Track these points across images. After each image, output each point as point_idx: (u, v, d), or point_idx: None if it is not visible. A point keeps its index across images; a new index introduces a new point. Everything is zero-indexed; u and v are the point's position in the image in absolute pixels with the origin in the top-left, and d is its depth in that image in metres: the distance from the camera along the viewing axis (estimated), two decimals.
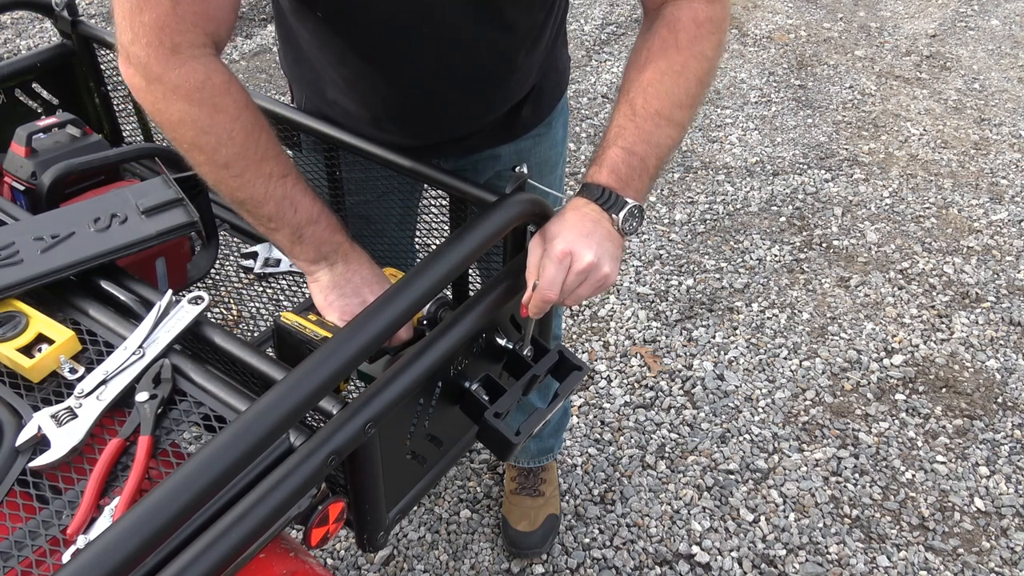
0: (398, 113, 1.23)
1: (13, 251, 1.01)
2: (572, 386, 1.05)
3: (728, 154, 3.39)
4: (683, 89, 1.02)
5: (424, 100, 1.21)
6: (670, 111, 1.02)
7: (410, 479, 1.02)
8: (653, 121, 1.01)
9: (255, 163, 0.97)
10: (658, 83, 1.02)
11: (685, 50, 1.03)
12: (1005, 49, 4.14)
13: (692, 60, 1.03)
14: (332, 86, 1.23)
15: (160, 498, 0.70)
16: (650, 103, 1.02)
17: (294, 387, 0.80)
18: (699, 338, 2.55)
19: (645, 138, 1.02)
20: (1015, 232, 2.98)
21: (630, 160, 1.01)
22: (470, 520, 2.07)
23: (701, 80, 1.04)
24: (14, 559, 0.77)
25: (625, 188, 1.01)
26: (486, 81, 1.21)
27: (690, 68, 1.03)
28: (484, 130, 1.30)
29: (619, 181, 1.01)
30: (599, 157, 1.03)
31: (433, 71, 1.15)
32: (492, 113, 1.28)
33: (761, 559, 1.98)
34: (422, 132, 1.26)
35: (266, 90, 3.71)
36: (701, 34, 1.03)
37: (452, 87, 1.19)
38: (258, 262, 1.39)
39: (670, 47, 1.03)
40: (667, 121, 1.02)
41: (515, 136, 1.35)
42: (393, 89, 1.19)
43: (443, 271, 0.95)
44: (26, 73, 1.53)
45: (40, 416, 0.87)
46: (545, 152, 1.41)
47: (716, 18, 1.04)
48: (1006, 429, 2.28)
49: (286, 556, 0.88)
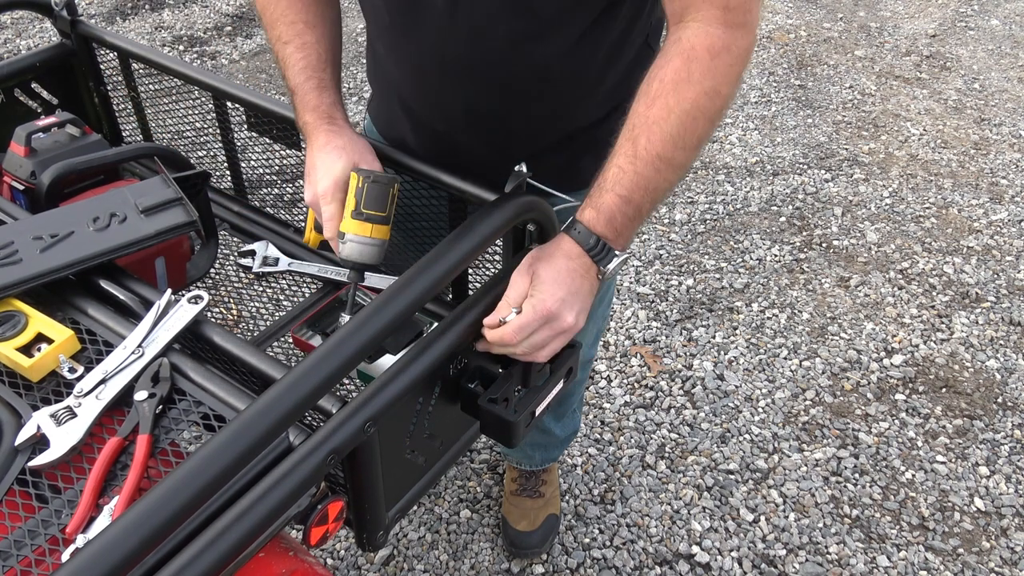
0: (417, 92, 1.21)
1: (12, 250, 1.01)
2: (564, 363, 1.05)
3: (728, 154, 3.39)
4: (690, 130, 0.97)
5: (435, 85, 1.17)
6: (672, 153, 0.97)
7: (410, 478, 1.02)
8: (654, 166, 0.97)
9: (271, 22, 1.16)
10: (664, 122, 0.96)
11: (697, 85, 0.96)
12: (1005, 49, 4.14)
13: (704, 98, 0.96)
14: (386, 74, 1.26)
15: (159, 497, 0.70)
16: (653, 145, 0.96)
17: (293, 386, 0.80)
18: (699, 338, 2.55)
19: (643, 184, 0.97)
20: (1015, 232, 2.98)
21: (626, 209, 0.98)
22: (470, 520, 2.07)
23: (711, 119, 0.98)
24: (13, 558, 0.77)
25: (617, 239, 0.99)
26: (501, 71, 1.13)
27: (701, 106, 0.96)
28: (538, 155, 1.20)
29: (614, 232, 0.98)
30: (596, 200, 0.99)
31: (434, 49, 1.12)
32: (523, 127, 1.20)
33: (761, 559, 1.98)
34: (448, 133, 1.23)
35: (266, 90, 3.71)
36: (717, 67, 0.96)
37: (453, 76, 1.15)
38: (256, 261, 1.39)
39: (682, 81, 0.96)
40: (667, 165, 0.97)
41: (580, 186, 1.18)
42: (409, 67, 1.17)
43: (442, 270, 0.95)
44: (25, 73, 1.53)
45: (39, 415, 0.87)
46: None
47: (735, 48, 0.97)
48: (1006, 429, 2.28)
49: (285, 555, 0.88)
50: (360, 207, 1.04)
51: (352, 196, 1.04)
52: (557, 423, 1.84)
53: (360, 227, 1.04)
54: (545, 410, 1.04)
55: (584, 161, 1.23)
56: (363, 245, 1.05)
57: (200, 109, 1.50)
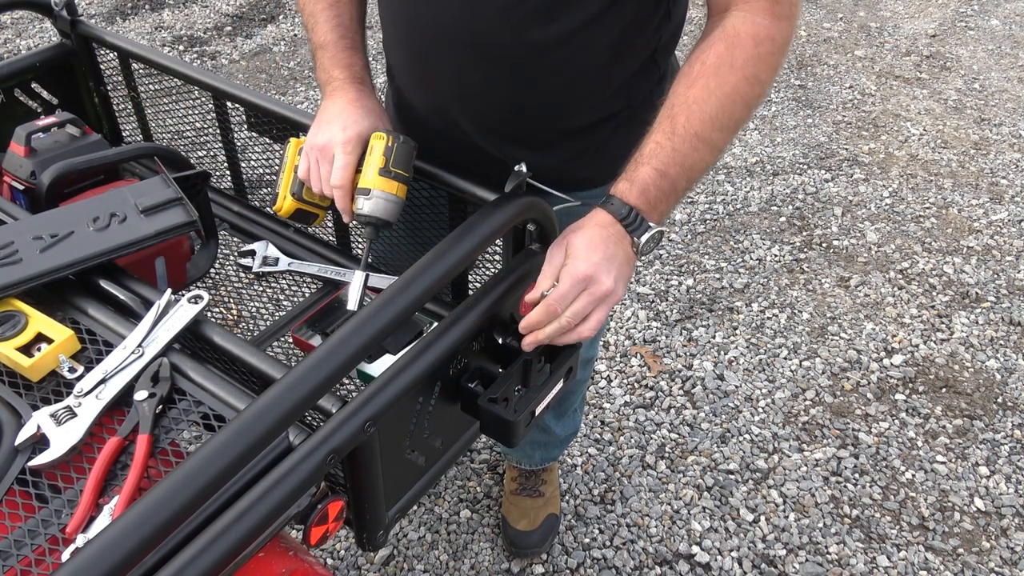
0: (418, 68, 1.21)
1: (12, 250, 1.01)
2: (564, 362, 1.05)
3: (728, 154, 3.39)
4: (728, 112, 0.99)
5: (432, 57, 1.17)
6: (710, 134, 0.99)
7: (409, 478, 1.02)
8: (691, 143, 0.98)
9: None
10: (704, 102, 0.98)
11: (739, 71, 0.98)
12: (1005, 49, 4.14)
13: (744, 83, 0.99)
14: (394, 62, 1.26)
15: (159, 497, 0.70)
16: (692, 123, 0.98)
17: (294, 386, 0.80)
18: (699, 338, 2.55)
19: (680, 160, 0.99)
20: (1015, 232, 2.98)
21: (661, 183, 0.99)
22: (470, 520, 2.07)
23: (749, 104, 1.00)
24: (13, 558, 0.77)
25: (651, 212, 0.99)
26: (495, 46, 1.11)
27: (740, 91, 0.99)
28: (533, 149, 1.20)
29: (647, 204, 0.99)
30: (631, 173, 1.00)
31: (429, 16, 1.13)
32: (505, 112, 1.19)
33: (761, 559, 1.98)
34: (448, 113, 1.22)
35: (266, 90, 3.71)
36: (759, 54, 0.99)
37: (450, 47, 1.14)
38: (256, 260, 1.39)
39: (724, 65, 0.99)
40: (705, 144, 0.99)
41: (576, 187, 1.18)
42: (403, 38, 1.18)
43: (442, 270, 0.95)
44: (25, 73, 1.53)
45: (39, 415, 0.88)
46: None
47: (778, 38, 1.00)
48: (1006, 429, 2.28)
49: (285, 555, 0.88)
50: (389, 165, 1.06)
51: (381, 155, 1.07)
52: (557, 422, 1.84)
53: (388, 184, 1.06)
54: (545, 410, 1.04)
55: (579, 163, 1.24)
56: (388, 202, 1.07)
57: (200, 109, 1.50)
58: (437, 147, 1.18)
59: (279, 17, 4.36)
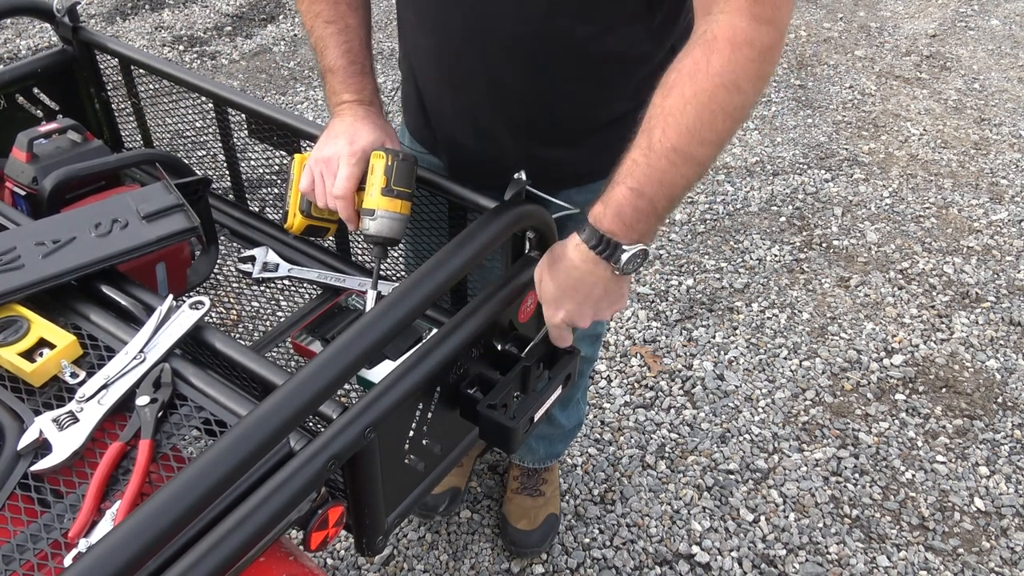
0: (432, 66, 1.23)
1: (15, 256, 1.01)
2: (564, 369, 1.06)
3: (728, 154, 3.39)
4: (707, 124, 0.91)
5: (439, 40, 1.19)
6: (688, 147, 0.92)
7: (409, 484, 1.02)
8: (668, 159, 0.92)
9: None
10: (680, 113, 0.92)
11: (715, 77, 0.90)
12: (1005, 49, 4.14)
13: (722, 91, 0.91)
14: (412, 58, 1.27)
15: (161, 502, 0.71)
16: (668, 136, 0.92)
17: (295, 392, 0.81)
18: (699, 338, 2.56)
19: (658, 178, 0.93)
20: (1015, 232, 2.99)
21: (637, 203, 0.94)
22: (470, 520, 2.07)
23: (730, 114, 0.92)
24: (16, 563, 0.78)
25: (629, 233, 0.95)
26: (530, 42, 1.11)
27: (718, 99, 0.91)
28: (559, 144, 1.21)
29: (623, 226, 0.95)
30: (607, 194, 0.96)
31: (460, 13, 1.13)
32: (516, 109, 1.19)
33: (761, 559, 1.99)
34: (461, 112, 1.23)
35: (266, 90, 3.72)
36: (737, 60, 0.91)
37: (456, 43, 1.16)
38: (256, 266, 1.39)
39: (700, 72, 0.91)
40: (684, 159, 0.92)
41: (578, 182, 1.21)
42: (432, 36, 1.19)
43: (442, 278, 0.96)
44: (27, 78, 1.54)
45: (41, 420, 0.88)
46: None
47: (759, 43, 0.91)
48: (1006, 429, 2.28)
49: (286, 559, 0.89)
50: (391, 184, 1.07)
51: (382, 174, 1.08)
52: (562, 412, 1.84)
53: (391, 203, 1.08)
54: (544, 416, 1.04)
55: (606, 155, 1.25)
56: (393, 220, 1.08)
57: (201, 115, 1.51)
58: (464, 148, 1.19)
59: (279, 17, 4.36)
